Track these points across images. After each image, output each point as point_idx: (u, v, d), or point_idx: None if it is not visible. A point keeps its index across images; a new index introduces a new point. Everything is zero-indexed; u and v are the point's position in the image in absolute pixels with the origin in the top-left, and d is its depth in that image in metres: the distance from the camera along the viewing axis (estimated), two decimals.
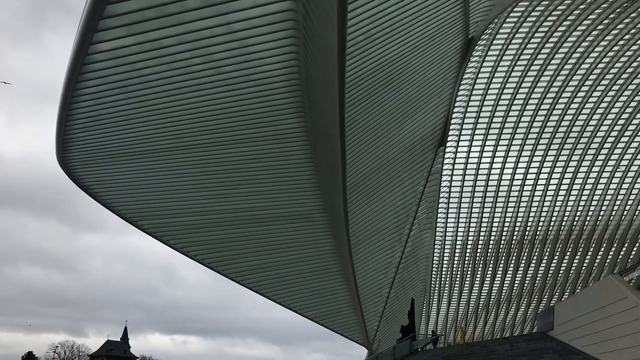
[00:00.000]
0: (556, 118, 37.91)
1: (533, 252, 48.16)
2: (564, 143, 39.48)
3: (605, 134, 38.71)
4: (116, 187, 27.69)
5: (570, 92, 36.30)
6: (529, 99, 36.71)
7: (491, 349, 25.16)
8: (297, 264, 37.02)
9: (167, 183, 27.68)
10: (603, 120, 37.98)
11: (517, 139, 39.35)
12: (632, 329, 14.38)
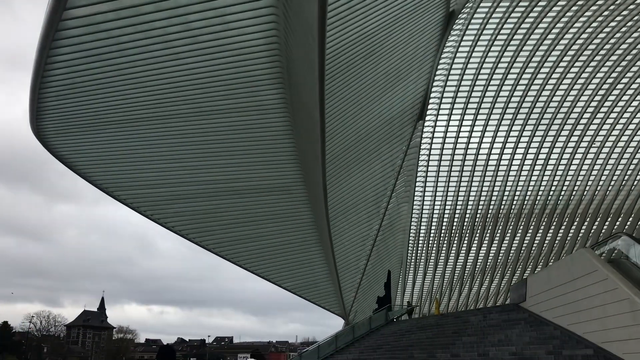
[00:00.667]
0: (534, 93, 38.15)
1: (507, 226, 48.96)
2: (541, 119, 39.85)
3: (581, 110, 39.12)
4: (92, 156, 27.31)
5: (548, 67, 36.48)
6: (508, 73, 36.82)
7: (465, 319, 25.68)
8: (275, 236, 37.14)
9: (144, 153, 27.38)
10: (580, 96, 38.34)
11: (495, 114, 39.58)
12: (601, 300, 14.77)
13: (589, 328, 15.62)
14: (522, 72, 36.65)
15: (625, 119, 39.72)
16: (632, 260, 15.25)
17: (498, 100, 38.67)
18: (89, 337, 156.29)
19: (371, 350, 27.50)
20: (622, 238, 17.23)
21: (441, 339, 23.56)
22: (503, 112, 39.33)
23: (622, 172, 43.89)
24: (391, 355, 24.59)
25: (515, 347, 18.32)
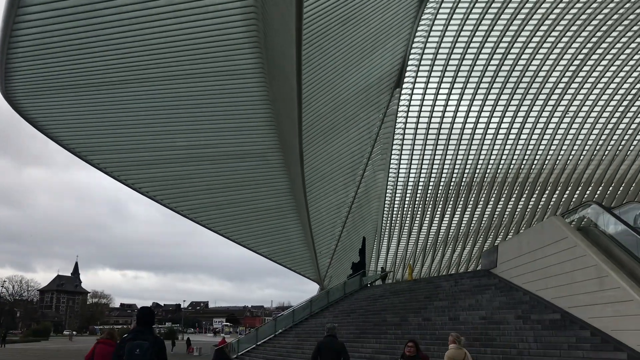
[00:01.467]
0: (510, 62, 38.29)
1: (480, 194, 49.68)
2: (516, 88, 40.11)
3: (555, 81, 39.46)
4: (64, 119, 26.73)
5: (525, 37, 36.54)
6: (485, 42, 36.80)
7: (437, 284, 26.19)
8: (251, 202, 37.11)
9: (118, 117, 26.90)
10: (554, 67, 38.60)
11: (471, 83, 39.70)
12: (570, 267, 15.17)
13: (557, 294, 16.07)
14: (499, 41, 36.68)
15: (599, 89, 40.21)
16: (600, 228, 15.63)
17: (474, 70, 38.77)
18: (63, 301, 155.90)
19: (345, 315, 27.95)
20: (591, 207, 17.61)
21: (413, 304, 24.04)
22: (479, 82, 39.48)
23: (593, 142, 44.65)
24: (365, 319, 25.04)
25: (485, 311, 18.80)
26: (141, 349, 5.84)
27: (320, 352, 10.15)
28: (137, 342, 5.94)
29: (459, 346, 8.86)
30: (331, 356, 10.05)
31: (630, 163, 46.30)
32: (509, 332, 16.23)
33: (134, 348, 5.86)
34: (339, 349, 10.15)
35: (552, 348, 14.00)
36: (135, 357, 5.79)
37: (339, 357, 10.09)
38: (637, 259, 13.22)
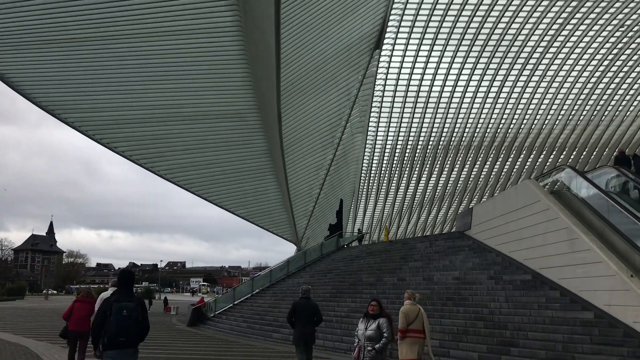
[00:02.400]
0: (490, 26, 38.13)
1: (457, 157, 50.13)
2: (494, 52, 40.07)
3: (534, 45, 39.49)
4: (36, 76, 26.07)
5: (504, 2, 36.31)
6: (465, 4, 36.51)
7: (412, 246, 26.59)
8: (228, 163, 36.93)
9: (93, 75, 26.34)
10: (533, 32, 38.56)
11: (450, 46, 39.52)
12: (542, 229, 15.49)
13: (528, 255, 16.44)
14: (479, 4, 36.40)
15: (575, 55, 40.38)
16: (573, 191, 15.94)
17: (454, 33, 38.52)
18: (38, 261, 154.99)
19: (322, 275, 28.29)
20: (565, 170, 17.90)
21: (389, 264, 24.41)
22: (458, 45, 39.30)
23: (568, 108, 45.12)
24: (341, 279, 25.39)
25: (458, 272, 19.19)
26: (128, 310, 6.20)
27: (296, 313, 10.65)
28: (123, 303, 6.27)
29: (414, 302, 9.31)
30: (306, 316, 10.57)
31: (604, 128, 47.04)
32: (481, 292, 16.62)
33: (121, 309, 6.19)
34: (313, 309, 10.71)
35: (522, 308, 14.39)
36: (123, 318, 6.13)
37: (313, 317, 10.66)
38: (608, 222, 13.54)
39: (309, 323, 10.67)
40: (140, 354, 13.43)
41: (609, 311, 12.13)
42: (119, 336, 6.14)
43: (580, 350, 11.44)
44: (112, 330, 6.13)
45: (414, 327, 8.94)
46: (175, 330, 24.77)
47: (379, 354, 7.20)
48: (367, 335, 7.40)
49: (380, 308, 7.71)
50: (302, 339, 10.62)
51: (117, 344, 6.16)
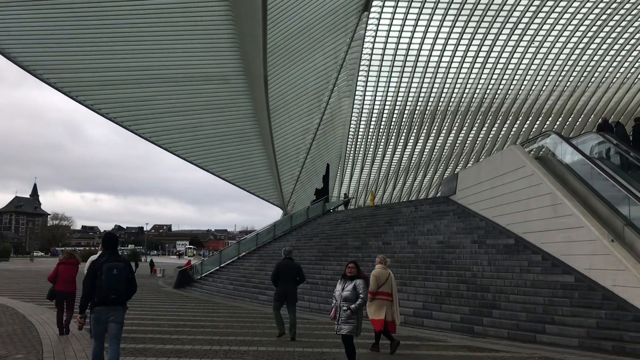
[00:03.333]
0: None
1: (444, 123, 50.17)
2: (482, 18, 39.69)
3: (523, 9, 39.13)
4: (16, 33, 25.41)
5: None
6: None
7: (397, 210, 26.79)
8: (214, 126, 36.67)
9: (75, 34, 25.75)
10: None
11: (439, 9, 39.03)
12: (526, 194, 15.66)
13: (512, 220, 16.65)
14: None
15: (564, 20, 40.11)
16: (557, 157, 16.06)
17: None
18: (22, 223, 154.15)
19: (308, 239, 28.48)
20: (550, 136, 17.99)
21: (374, 228, 24.62)
22: (447, 9, 38.84)
23: (555, 74, 45.13)
24: (327, 242, 25.59)
25: (442, 236, 19.42)
26: (118, 269, 6.60)
27: (279, 273, 11.16)
28: (113, 263, 6.65)
29: (385, 266, 9.92)
30: (289, 276, 11.12)
31: (590, 95, 47.20)
32: (464, 256, 16.85)
33: (111, 268, 6.58)
34: (296, 269, 11.27)
35: (504, 271, 14.64)
36: (114, 276, 6.54)
37: (296, 277, 11.22)
38: (591, 188, 13.70)
39: (292, 282, 11.20)
40: (127, 316, 13.51)
41: (589, 275, 12.38)
42: (110, 294, 6.49)
43: (560, 312, 11.69)
44: (103, 289, 6.48)
45: (383, 289, 9.53)
46: (161, 292, 24.93)
47: (354, 314, 7.41)
48: (344, 296, 7.60)
49: (358, 270, 7.90)
50: (283, 295, 11.13)
51: (108, 301, 6.50)
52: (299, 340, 10.63)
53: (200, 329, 12.13)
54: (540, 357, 9.25)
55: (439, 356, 9.14)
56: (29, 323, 12.45)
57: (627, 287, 11.06)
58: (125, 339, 10.16)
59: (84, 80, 29.53)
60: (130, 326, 12.19)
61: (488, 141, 51.69)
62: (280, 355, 8.98)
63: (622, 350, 9.79)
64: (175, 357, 8.48)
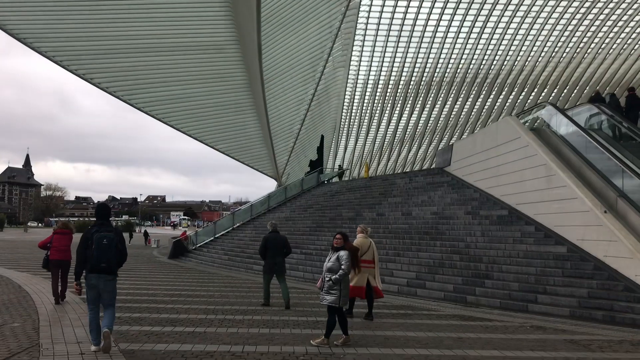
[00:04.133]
0: None
1: (439, 94, 49.90)
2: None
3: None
4: (4, 1, 24.91)
5: None
6: None
7: (392, 181, 26.85)
8: (207, 97, 36.34)
9: (66, 2, 25.24)
10: None
11: None
12: (520, 166, 15.69)
13: (506, 191, 16.72)
14: None
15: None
16: (552, 128, 16.04)
17: None
18: (16, 194, 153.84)
19: (302, 210, 28.57)
20: (546, 108, 17.95)
21: (369, 200, 24.69)
22: None
23: (551, 45, 44.76)
24: (321, 213, 25.68)
25: (436, 207, 19.51)
26: (108, 239, 6.89)
27: (267, 246, 11.64)
28: (103, 233, 6.94)
29: (366, 236, 10.37)
30: (276, 248, 11.61)
31: (586, 66, 46.96)
32: (458, 227, 16.95)
33: (101, 238, 6.88)
34: (283, 242, 11.79)
35: (497, 242, 14.75)
36: (104, 246, 6.83)
37: (283, 249, 11.73)
38: (585, 159, 13.72)
39: (280, 254, 11.67)
40: (123, 286, 13.54)
41: (582, 246, 12.49)
42: (100, 262, 6.79)
43: (552, 282, 11.83)
44: (94, 258, 6.78)
45: (365, 257, 9.84)
46: (156, 263, 25.03)
47: (336, 284, 7.45)
48: (327, 267, 7.70)
49: (345, 241, 7.93)
50: (272, 268, 11.60)
51: (99, 269, 6.80)
52: (293, 309, 10.75)
53: (195, 299, 12.22)
54: (531, 326, 9.38)
55: (431, 325, 9.25)
56: (24, 292, 12.50)
57: (618, 258, 11.17)
58: (121, 308, 10.24)
59: (77, 49, 29.06)
60: (126, 296, 12.27)
61: (483, 112, 51.54)
62: (275, 323, 9.07)
63: (612, 319, 9.94)
64: (170, 326, 8.55)
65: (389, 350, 7.03)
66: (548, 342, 7.97)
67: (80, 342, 7.14)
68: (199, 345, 7.15)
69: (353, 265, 7.94)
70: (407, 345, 7.41)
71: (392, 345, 7.43)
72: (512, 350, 7.23)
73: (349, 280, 7.86)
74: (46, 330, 8.00)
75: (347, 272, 7.66)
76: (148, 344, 7.12)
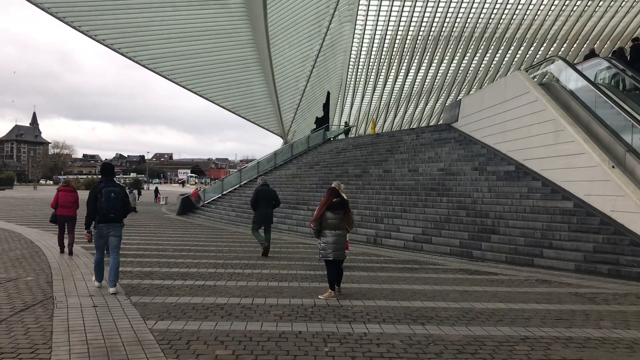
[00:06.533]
0: None
1: (447, 49, 49.14)
2: None
3: None
4: None
5: None
6: None
7: (398, 138, 26.73)
8: (213, 53, 36.00)
9: None
10: None
11: None
12: (529, 121, 15.56)
13: (514, 147, 16.64)
14: None
15: None
16: (562, 83, 15.83)
17: None
18: (24, 152, 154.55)
19: (308, 167, 28.60)
20: (555, 62, 17.67)
21: (375, 156, 24.66)
22: None
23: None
24: (328, 171, 25.71)
25: (443, 163, 19.47)
26: (115, 193, 7.83)
27: (258, 198, 12.40)
28: (110, 188, 7.86)
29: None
30: (267, 201, 12.41)
31: (597, 20, 45.96)
32: (464, 183, 16.95)
33: (109, 192, 7.80)
34: (273, 195, 12.61)
35: (504, 197, 14.77)
36: (112, 199, 7.76)
37: (272, 201, 12.51)
38: (594, 114, 13.59)
39: (269, 206, 12.45)
40: (132, 241, 13.76)
41: (588, 201, 12.50)
42: (109, 213, 7.76)
43: (558, 237, 11.89)
44: (103, 209, 7.73)
45: None
46: (165, 219, 25.30)
47: (316, 234, 7.87)
48: None
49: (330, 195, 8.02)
50: (263, 218, 12.38)
51: (108, 219, 7.79)
52: (301, 263, 10.90)
53: (204, 253, 12.40)
54: (537, 279, 9.49)
55: (437, 279, 9.38)
56: (36, 248, 12.72)
57: (625, 213, 11.19)
58: (132, 262, 10.43)
59: (80, 5, 28.67)
60: (136, 251, 12.47)
61: (492, 68, 50.84)
62: (283, 277, 9.21)
63: (617, 273, 10.03)
64: (181, 280, 8.70)
65: (396, 303, 7.15)
66: (553, 295, 8.07)
67: (93, 296, 7.30)
68: (209, 298, 7.29)
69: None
70: (414, 298, 7.53)
71: (399, 298, 7.55)
72: (517, 303, 7.34)
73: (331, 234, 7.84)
74: (59, 284, 8.17)
75: (313, 226, 7.83)
76: (159, 297, 7.27)
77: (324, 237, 7.79)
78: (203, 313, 6.36)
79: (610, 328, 6.03)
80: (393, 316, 6.37)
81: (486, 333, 5.68)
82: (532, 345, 5.24)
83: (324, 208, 7.80)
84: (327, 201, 7.89)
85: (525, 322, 6.23)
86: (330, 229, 7.79)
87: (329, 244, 7.75)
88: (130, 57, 33.12)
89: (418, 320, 6.17)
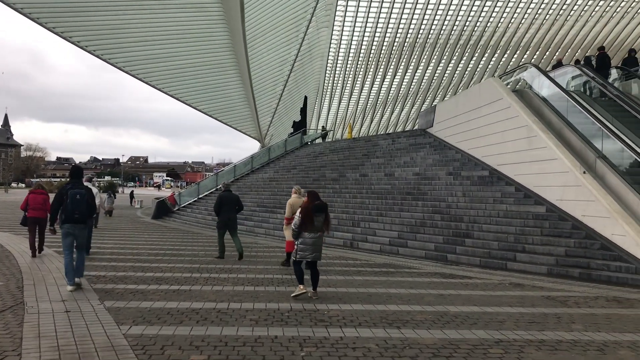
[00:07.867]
0: None
1: (422, 55, 49.61)
2: None
3: None
4: None
5: None
6: None
7: (375, 143, 26.89)
8: (189, 57, 35.78)
9: None
10: None
11: None
12: (502, 127, 15.79)
13: (488, 152, 16.87)
14: None
15: None
16: (534, 90, 16.11)
17: None
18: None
19: (286, 171, 28.58)
20: (528, 69, 17.98)
21: (352, 161, 24.76)
22: None
23: (535, 7, 44.48)
24: (305, 174, 25.72)
25: (419, 168, 19.65)
26: (80, 195, 8.23)
27: (222, 203, 12.57)
28: (76, 190, 8.25)
29: (299, 195, 11.03)
30: (230, 205, 12.60)
31: (569, 28, 46.88)
32: (439, 187, 17.13)
33: (75, 194, 8.18)
34: (235, 200, 12.84)
35: (478, 202, 14.96)
36: (77, 201, 8.14)
37: (235, 206, 12.73)
38: (566, 121, 13.85)
39: (232, 211, 12.64)
40: (106, 245, 13.59)
41: (560, 205, 12.73)
42: (74, 213, 8.14)
43: (530, 241, 12.08)
44: (69, 210, 8.12)
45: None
46: (140, 223, 25.02)
47: (295, 236, 7.99)
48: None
49: (308, 199, 8.08)
50: (227, 223, 12.54)
51: (73, 219, 8.16)
52: (278, 267, 10.89)
53: (180, 258, 12.30)
54: (510, 283, 9.62)
55: (413, 282, 9.45)
56: (6, 252, 12.47)
57: (596, 217, 11.42)
58: (105, 267, 10.29)
59: (54, 6, 28.23)
60: (110, 255, 12.31)
61: (466, 74, 51.47)
62: (259, 281, 9.19)
63: (589, 276, 10.23)
64: (155, 284, 8.62)
65: (372, 307, 7.18)
66: (526, 298, 8.20)
67: (65, 300, 7.19)
68: (185, 302, 7.23)
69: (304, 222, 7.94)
70: (390, 302, 7.58)
71: (375, 301, 7.59)
72: (491, 307, 7.43)
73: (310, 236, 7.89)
74: (30, 289, 8.03)
75: (295, 228, 7.85)
76: (133, 302, 7.19)
77: (303, 238, 7.83)
78: (178, 318, 6.31)
79: (582, 331, 6.15)
80: (369, 320, 6.41)
81: (461, 336, 5.74)
82: (506, 349, 5.31)
83: (309, 212, 7.81)
84: (309, 205, 7.91)
85: (499, 325, 6.32)
86: (309, 231, 7.83)
87: (307, 245, 7.80)
88: (106, 59, 32.71)
89: (394, 324, 6.21)
